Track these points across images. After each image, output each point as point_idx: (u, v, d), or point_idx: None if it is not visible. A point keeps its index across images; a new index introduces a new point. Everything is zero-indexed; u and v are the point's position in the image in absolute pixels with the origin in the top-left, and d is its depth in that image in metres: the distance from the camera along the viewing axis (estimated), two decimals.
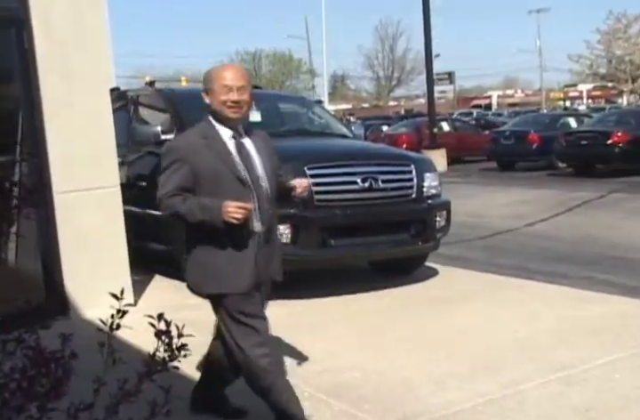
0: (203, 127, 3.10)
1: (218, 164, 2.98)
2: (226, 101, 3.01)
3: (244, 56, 57.95)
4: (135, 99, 7.36)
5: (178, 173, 2.97)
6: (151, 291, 5.99)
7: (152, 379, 1.87)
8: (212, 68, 3.17)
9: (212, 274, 3.03)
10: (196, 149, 3.00)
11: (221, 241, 2.98)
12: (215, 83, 3.04)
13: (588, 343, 4.35)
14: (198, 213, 2.89)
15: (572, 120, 20.47)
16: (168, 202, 2.96)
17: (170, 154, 3.05)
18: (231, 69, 3.14)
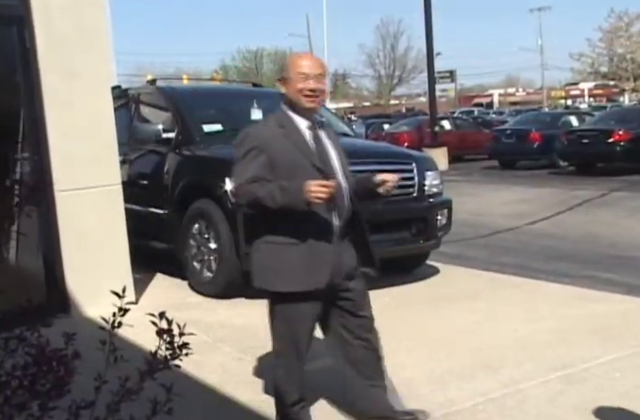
0: (278, 116, 3.02)
1: (295, 153, 2.90)
2: (302, 90, 2.92)
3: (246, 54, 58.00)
4: (136, 97, 7.36)
5: (255, 161, 2.87)
6: (152, 289, 6.00)
7: (153, 377, 1.87)
8: (288, 58, 3.12)
9: (285, 271, 2.90)
10: (273, 137, 2.91)
11: (297, 236, 2.87)
12: (291, 71, 2.96)
13: (588, 341, 4.35)
14: (278, 195, 2.75)
15: (573, 119, 20.46)
16: (246, 189, 2.83)
17: (246, 142, 2.94)
18: (308, 57, 3.06)
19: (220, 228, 5.64)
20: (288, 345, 3.07)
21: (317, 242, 2.88)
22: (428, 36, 19.65)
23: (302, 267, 2.88)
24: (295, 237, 2.86)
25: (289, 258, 2.88)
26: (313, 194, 2.67)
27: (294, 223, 2.85)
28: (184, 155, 6.34)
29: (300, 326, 3.02)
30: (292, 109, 2.98)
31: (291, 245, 2.87)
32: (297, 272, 2.88)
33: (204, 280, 5.87)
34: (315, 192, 2.67)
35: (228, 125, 6.77)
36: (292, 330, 3.03)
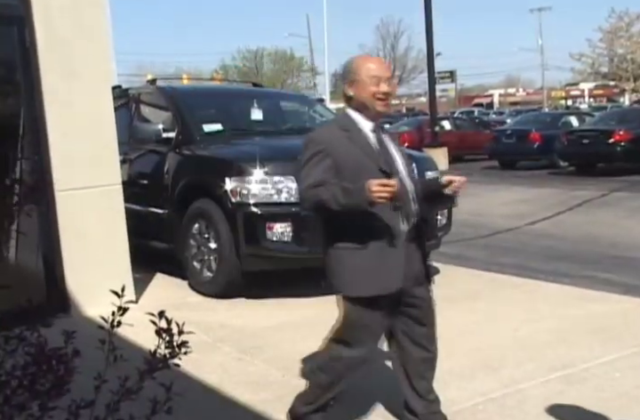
0: (342, 119, 3.00)
1: (361, 156, 2.87)
2: (376, 93, 2.88)
3: (246, 54, 57.91)
4: (136, 97, 7.37)
5: (320, 165, 2.83)
6: (152, 289, 6.00)
7: (153, 376, 1.87)
8: (352, 60, 3.01)
9: (352, 276, 2.89)
10: (337, 141, 2.88)
11: (363, 241, 2.84)
12: (362, 74, 2.90)
13: (588, 341, 4.35)
14: (341, 197, 2.71)
15: (573, 119, 20.46)
16: (311, 192, 2.79)
17: (311, 146, 2.90)
18: (376, 60, 3.02)
19: (220, 228, 5.64)
20: (355, 344, 3.00)
21: (384, 246, 2.85)
22: (429, 35, 19.63)
23: (369, 272, 2.85)
24: (361, 242, 2.84)
25: (355, 263, 2.86)
26: (375, 193, 2.61)
27: (360, 228, 2.83)
28: (184, 154, 6.35)
29: (368, 331, 2.98)
30: (359, 112, 2.95)
31: (356, 250, 2.85)
32: (364, 277, 2.86)
33: (204, 280, 5.87)
34: (376, 192, 2.61)
35: (228, 125, 6.78)
36: (360, 333, 2.99)
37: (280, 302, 5.62)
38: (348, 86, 2.95)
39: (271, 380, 3.93)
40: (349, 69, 2.96)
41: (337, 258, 2.92)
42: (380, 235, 2.84)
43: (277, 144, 6.37)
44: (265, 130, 6.89)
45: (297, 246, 5.53)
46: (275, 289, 5.87)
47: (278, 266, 5.75)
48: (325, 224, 2.97)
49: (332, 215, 2.84)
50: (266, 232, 5.46)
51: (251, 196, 5.53)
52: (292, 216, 5.50)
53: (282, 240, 5.48)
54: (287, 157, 5.87)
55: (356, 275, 2.87)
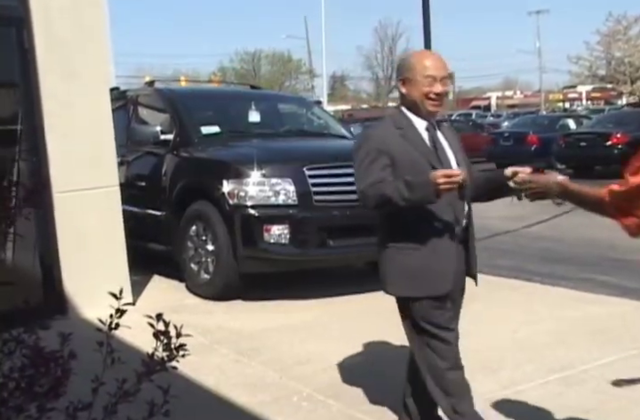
0: (395, 117, 2.93)
1: (414, 154, 2.82)
2: (428, 93, 2.82)
3: (244, 56, 58.03)
4: (134, 99, 7.37)
5: (376, 163, 2.79)
6: (150, 291, 5.99)
7: (151, 379, 1.87)
8: (408, 56, 2.96)
9: (409, 275, 2.85)
10: (391, 139, 2.83)
11: (418, 240, 2.81)
12: (416, 72, 2.82)
13: (587, 343, 4.35)
14: (405, 191, 2.65)
15: (571, 122, 20.48)
16: (373, 189, 2.75)
17: (365, 145, 2.86)
18: (433, 57, 2.90)
19: (218, 230, 5.64)
20: (428, 355, 2.92)
21: (439, 247, 2.83)
22: (426, 38, 19.60)
23: (425, 272, 2.82)
24: (416, 241, 2.81)
25: (410, 263, 2.83)
26: (441, 185, 2.58)
27: (415, 228, 2.81)
28: (182, 157, 6.35)
29: (435, 331, 2.89)
30: (411, 111, 2.90)
31: (412, 249, 2.82)
32: (419, 278, 2.83)
33: (202, 282, 5.87)
34: (442, 183, 2.58)
35: (225, 127, 6.78)
36: (427, 337, 2.90)
37: (278, 304, 5.61)
38: (401, 84, 2.89)
39: (268, 382, 3.93)
40: (404, 66, 2.88)
41: (389, 258, 2.90)
42: (435, 235, 2.82)
43: (275, 146, 6.38)
44: (262, 132, 6.89)
45: (294, 249, 5.53)
46: (272, 291, 5.87)
47: (276, 268, 5.75)
48: (382, 225, 2.94)
49: (392, 215, 2.82)
50: (263, 234, 5.46)
51: (248, 198, 5.53)
52: (289, 218, 5.50)
53: (279, 242, 5.48)
54: (285, 159, 5.89)
55: (411, 275, 2.84)
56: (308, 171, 5.64)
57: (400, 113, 2.93)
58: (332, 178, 5.77)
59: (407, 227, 2.83)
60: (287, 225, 5.49)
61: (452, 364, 2.90)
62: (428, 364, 2.92)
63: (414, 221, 2.81)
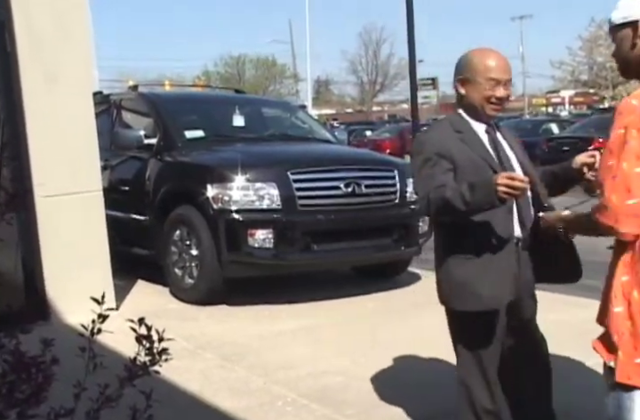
0: (453, 120, 2.78)
1: (475, 158, 2.67)
2: (490, 97, 2.67)
3: (228, 61, 57.96)
4: (118, 103, 7.34)
5: (438, 168, 2.63)
6: (133, 296, 5.97)
7: (133, 384, 1.86)
8: (471, 55, 2.74)
9: (462, 287, 2.67)
10: (451, 142, 2.68)
11: (475, 250, 2.64)
12: (479, 74, 2.66)
13: (570, 346, 4.37)
14: (467, 194, 2.46)
15: (554, 126, 20.64)
16: (435, 194, 2.56)
17: (425, 150, 2.69)
18: (498, 58, 2.70)
19: (202, 234, 5.62)
20: (472, 372, 2.80)
21: (498, 256, 2.64)
22: (410, 42, 19.71)
23: (481, 284, 2.64)
24: (473, 251, 2.65)
25: (466, 274, 2.66)
26: (501, 188, 2.38)
27: (472, 236, 2.65)
28: (166, 161, 6.33)
29: (483, 349, 2.76)
30: (469, 113, 2.76)
31: (468, 259, 2.65)
32: (475, 289, 2.65)
33: (186, 287, 5.85)
34: (503, 184, 2.37)
35: (209, 132, 6.78)
36: (475, 353, 2.78)
37: (262, 308, 5.61)
38: (460, 84, 2.73)
39: (253, 387, 3.92)
40: (465, 65, 2.71)
41: (445, 269, 2.73)
42: (493, 244, 2.64)
43: (259, 151, 6.38)
44: (247, 136, 6.89)
45: (279, 253, 5.53)
46: (257, 296, 5.86)
47: (260, 273, 5.74)
48: (437, 233, 2.82)
49: (450, 224, 2.67)
50: (247, 239, 5.45)
51: (232, 202, 5.52)
52: (273, 223, 5.50)
53: (263, 247, 5.48)
54: (269, 163, 5.89)
55: (465, 287, 2.67)
56: (292, 175, 5.64)
57: (459, 116, 2.78)
58: (317, 182, 5.78)
59: (462, 236, 2.67)
60: (271, 229, 5.48)
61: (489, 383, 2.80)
62: (464, 381, 2.83)
63: (469, 229, 2.64)
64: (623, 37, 2.08)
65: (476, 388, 2.79)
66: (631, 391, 2.02)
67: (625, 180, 1.89)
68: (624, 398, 2.04)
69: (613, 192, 1.91)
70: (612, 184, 1.91)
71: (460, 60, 2.76)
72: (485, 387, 2.79)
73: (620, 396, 2.05)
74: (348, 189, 5.76)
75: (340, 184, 5.76)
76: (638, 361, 1.97)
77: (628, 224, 1.93)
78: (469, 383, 2.81)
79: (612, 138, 1.95)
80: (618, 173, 1.90)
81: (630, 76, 2.17)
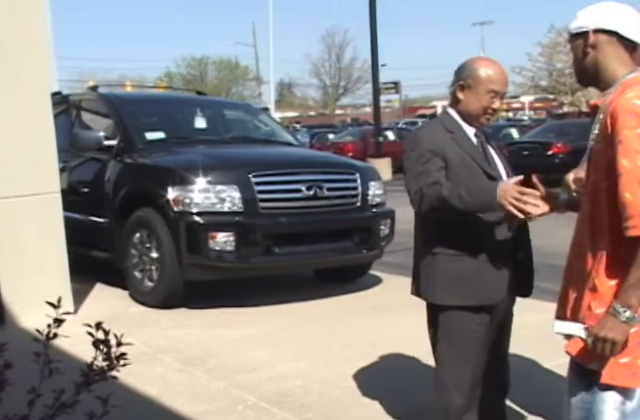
0: (445, 120, 2.83)
1: (467, 159, 2.73)
2: (487, 108, 2.75)
3: (190, 62, 57.64)
4: (77, 103, 7.24)
5: (432, 165, 2.66)
6: (92, 300, 5.89)
7: (90, 389, 1.83)
8: (476, 64, 2.77)
9: (459, 282, 2.71)
10: (444, 141, 2.73)
11: (469, 247, 2.70)
12: (482, 84, 2.71)
13: (526, 349, 4.42)
14: (467, 195, 2.53)
15: (514, 131, 20.90)
16: (431, 190, 2.60)
17: (420, 145, 2.72)
18: (500, 71, 2.76)
19: (162, 237, 5.57)
20: (453, 371, 2.83)
21: (490, 254, 2.71)
22: (373, 46, 19.86)
23: (475, 280, 2.70)
24: (467, 248, 2.70)
25: (460, 270, 2.71)
26: (509, 198, 2.43)
27: (466, 233, 2.70)
28: (126, 163, 6.26)
29: (468, 347, 2.80)
30: (462, 116, 2.81)
31: (462, 256, 2.71)
32: (469, 285, 2.71)
33: (145, 290, 5.79)
34: (511, 197, 2.43)
35: (170, 133, 6.73)
36: (459, 353, 2.81)
37: (223, 312, 5.57)
38: (459, 89, 2.78)
39: (213, 391, 3.89)
40: (468, 73, 2.76)
41: (437, 265, 2.76)
42: (486, 242, 2.72)
43: (221, 153, 6.34)
44: (208, 139, 6.84)
45: (240, 256, 5.50)
46: (217, 299, 5.82)
47: (221, 276, 5.71)
48: (427, 230, 2.82)
49: (441, 220, 2.70)
50: (208, 242, 5.41)
51: (193, 205, 5.48)
52: (234, 226, 5.47)
53: (224, 250, 5.44)
54: (230, 165, 5.86)
55: (459, 283, 2.72)
56: (253, 178, 5.62)
57: (451, 118, 2.83)
58: (279, 185, 5.77)
59: (456, 232, 2.71)
60: (233, 232, 5.45)
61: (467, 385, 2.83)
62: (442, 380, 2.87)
63: (463, 226, 2.69)
64: (577, 47, 2.17)
65: (453, 388, 2.82)
66: (605, 394, 2.04)
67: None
68: (596, 401, 2.05)
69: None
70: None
71: (464, 66, 2.80)
72: (463, 387, 2.83)
73: (592, 399, 2.06)
74: (309, 192, 5.76)
75: (302, 187, 5.75)
76: (623, 362, 1.99)
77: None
78: (448, 383, 2.83)
79: (630, 139, 1.90)
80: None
81: (584, 83, 2.25)
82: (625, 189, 1.90)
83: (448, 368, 2.85)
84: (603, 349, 1.97)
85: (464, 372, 2.82)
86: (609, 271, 2.01)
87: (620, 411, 2.04)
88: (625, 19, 2.09)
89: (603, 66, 2.11)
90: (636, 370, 1.99)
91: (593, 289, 2.05)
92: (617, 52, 2.10)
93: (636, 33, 2.10)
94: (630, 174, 1.89)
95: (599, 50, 2.11)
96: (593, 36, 2.10)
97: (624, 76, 2.08)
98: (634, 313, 1.92)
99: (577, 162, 3.02)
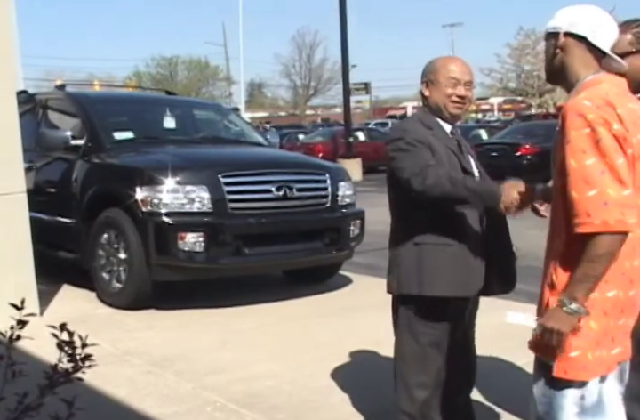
0: (423, 118, 2.87)
1: (450, 152, 2.80)
2: (451, 95, 2.80)
3: (160, 61, 57.23)
4: (44, 102, 7.14)
5: (424, 151, 2.70)
6: (59, 301, 5.81)
7: (54, 392, 1.80)
8: (435, 60, 2.89)
9: (438, 274, 2.73)
10: (427, 135, 2.78)
11: (451, 237, 2.73)
12: (440, 74, 2.81)
13: (493, 349, 4.45)
14: (471, 183, 2.64)
15: (483, 132, 21.07)
16: (430, 171, 2.61)
17: (408, 135, 2.75)
18: (458, 62, 2.89)
19: (130, 238, 5.52)
20: (411, 361, 2.85)
21: (470, 245, 2.77)
22: (344, 47, 19.88)
23: (457, 270, 2.74)
24: (449, 237, 2.73)
25: (443, 260, 2.74)
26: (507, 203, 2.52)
27: (448, 224, 2.74)
28: (93, 163, 6.19)
29: (434, 344, 2.83)
30: (435, 114, 2.86)
31: (445, 246, 2.73)
32: (449, 275, 2.74)
33: (113, 291, 5.73)
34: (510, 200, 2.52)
35: (139, 133, 6.67)
36: (424, 349, 2.82)
37: (192, 313, 5.54)
38: (424, 86, 2.87)
39: (182, 392, 3.86)
40: (429, 69, 2.86)
41: (420, 255, 2.76)
42: (467, 233, 2.77)
43: (190, 153, 6.30)
44: (177, 139, 6.80)
45: (209, 257, 5.46)
46: (187, 300, 5.79)
47: (190, 276, 5.67)
48: (406, 221, 2.82)
49: (427, 210, 2.72)
50: (177, 242, 5.38)
51: (162, 205, 5.44)
52: (204, 226, 5.44)
53: (194, 250, 5.41)
54: (200, 166, 5.82)
55: (441, 273, 2.73)
56: (223, 178, 5.59)
57: (427, 115, 2.88)
58: (248, 185, 5.75)
59: (438, 222, 2.74)
60: (202, 233, 5.42)
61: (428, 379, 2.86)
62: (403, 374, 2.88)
63: (445, 216, 2.74)
64: (549, 46, 2.21)
65: (415, 383, 2.84)
66: (564, 388, 2.07)
67: (615, 172, 1.91)
68: (556, 395, 2.08)
69: (608, 187, 1.91)
70: (603, 179, 1.91)
71: (426, 66, 2.90)
72: (427, 384, 2.85)
73: (552, 393, 2.09)
74: (279, 192, 5.74)
75: (272, 188, 5.74)
76: (573, 355, 2.01)
77: (632, 214, 1.92)
78: (412, 380, 2.85)
79: (576, 139, 1.94)
80: (605, 168, 1.91)
81: (551, 82, 2.30)
82: (572, 188, 1.95)
83: (412, 365, 2.86)
84: (549, 339, 2.01)
85: (429, 368, 2.85)
86: (564, 268, 2.05)
87: (579, 406, 2.07)
88: (597, 26, 2.11)
89: (568, 67, 2.15)
90: (586, 363, 2.02)
91: (551, 286, 2.10)
92: (584, 57, 2.13)
93: (604, 41, 2.12)
94: (576, 173, 1.93)
95: (567, 52, 2.14)
96: (563, 38, 2.13)
97: (585, 77, 2.11)
98: (580, 306, 1.96)
99: (545, 163, 3.06)
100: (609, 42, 2.14)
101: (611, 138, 1.93)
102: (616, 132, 1.95)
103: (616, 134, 1.94)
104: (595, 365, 2.03)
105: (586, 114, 1.94)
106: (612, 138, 1.94)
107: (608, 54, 2.14)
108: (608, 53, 2.14)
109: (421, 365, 2.85)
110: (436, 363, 2.86)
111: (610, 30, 2.14)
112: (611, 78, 2.12)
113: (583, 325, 2.00)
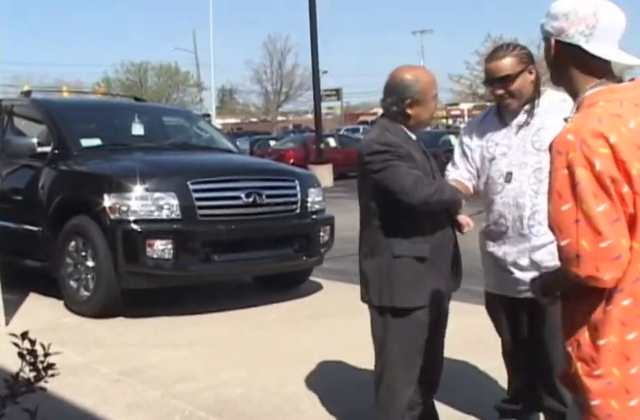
0: (394, 130, 2.86)
1: (424, 160, 2.90)
2: (434, 111, 2.93)
3: (130, 67, 56.81)
4: (9, 109, 7.06)
5: (412, 163, 2.78)
6: (25, 310, 5.74)
7: (16, 402, 1.78)
8: (414, 76, 2.82)
9: (417, 284, 2.80)
10: (407, 147, 2.83)
11: (426, 246, 2.81)
12: (428, 94, 2.83)
13: (463, 352, 4.48)
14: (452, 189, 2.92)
15: (452, 138, 21.23)
16: (425, 182, 2.75)
17: (392, 148, 2.77)
18: (431, 75, 2.90)
19: (98, 245, 5.48)
20: (400, 370, 2.90)
21: (441, 253, 2.87)
22: (314, 53, 19.92)
23: (430, 279, 2.83)
24: (425, 249, 2.81)
25: (417, 271, 2.80)
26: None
27: (424, 234, 2.81)
28: (60, 170, 6.13)
29: (417, 348, 2.90)
30: (410, 129, 2.89)
31: (419, 259, 2.80)
32: (420, 285, 2.80)
33: (81, 300, 5.68)
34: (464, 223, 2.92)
35: (107, 140, 6.63)
36: (408, 355, 2.89)
37: (161, 320, 5.50)
38: (408, 106, 2.81)
39: (150, 401, 3.84)
40: (416, 89, 2.80)
41: (398, 267, 2.80)
42: (439, 241, 2.86)
43: (158, 160, 6.28)
44: (146, 145, 6.76)
45: (178, 264, 5.44)
46: (156, 308, 5.75)
47: (159, 284, 5.64)
48: (383, 228, 2.83)
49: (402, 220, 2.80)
50: (146, 249, 5.35)
51: (130, 212, 5.41)
52: (172, 233, 5.42)
53: (162, 257, 5.38)
54: (168, 173, 5.80)
55: (419, 283, 2.80)
56: (192, 185, 5.58)
57: (397, 126, 2.87)
58: (217, 192, 5.74)
59: (413, 234, 2.81)
60: (171, 240, 5.40)
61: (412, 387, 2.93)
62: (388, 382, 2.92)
63: (420, 227, 2.82)
64: (546, 49, 1.95)
65: (402, 390, 2.89)
66: None
67: (591, 222, 1.69)
68: None
69: (582, 238, 1.70)
70: (577, 229, 1.70)
71: (404, 82, 2.81)
72: (410, 389, 2.91)
73: None
74: (248, 199, 5.74)
75: (241, 194, 5.73)
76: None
77: (609, 269, 1.70)
78: (399, 386, 2.88)
79: (555, 180, 1.75)
80: (580, 217, 1.70)
81: (558, 86, 2.03)
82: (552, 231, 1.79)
83: (398, 371, 2.89)
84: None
85: (411, 373, 2.90)
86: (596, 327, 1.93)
87: None
88: (591, 27, 1.82)
89: (567, 78, 1.91)
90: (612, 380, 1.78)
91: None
92: (583, 65, 1.86)
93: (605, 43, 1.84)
94: (552, 219, 1.77)
95: (564, 61, 1.89)
96: (555, 47, 1.88)
97: (584, 92, 1.85)
98: None
99: None
100: (613, 37, 1.85)
101: (590, 181, 1.69)
102: (600, 172, 1.69)
103: (599, 175, 1.69)
104: None
105: (567, 152, 1.72)
106: (592, 181, 1.69)
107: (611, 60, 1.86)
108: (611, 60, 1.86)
109: (408, 372, 2.90)
110: (417, 368, 2.93)
111: (611, 24, 1.83)
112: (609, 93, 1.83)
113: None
